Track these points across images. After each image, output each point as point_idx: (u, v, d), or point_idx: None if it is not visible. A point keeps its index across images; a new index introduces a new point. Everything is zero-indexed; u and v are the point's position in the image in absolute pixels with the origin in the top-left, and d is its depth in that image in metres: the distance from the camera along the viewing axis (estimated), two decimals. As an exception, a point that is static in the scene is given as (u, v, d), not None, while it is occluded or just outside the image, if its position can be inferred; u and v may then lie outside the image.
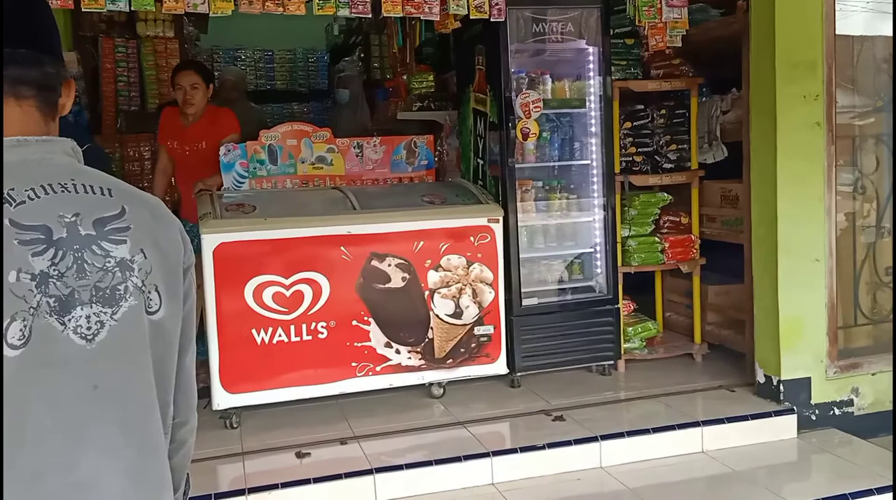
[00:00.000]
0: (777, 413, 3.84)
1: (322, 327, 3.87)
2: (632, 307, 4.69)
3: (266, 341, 3.79)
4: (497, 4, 3.85)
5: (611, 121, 4.37)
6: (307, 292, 3.85)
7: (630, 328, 4.57)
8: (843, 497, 3.19)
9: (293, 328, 3.83)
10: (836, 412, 3.95)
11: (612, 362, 4.45)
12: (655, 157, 4.62)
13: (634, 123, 4.60)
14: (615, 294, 4.43)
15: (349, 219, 3.94)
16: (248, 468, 3.40)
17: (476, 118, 4.57)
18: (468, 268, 4.09)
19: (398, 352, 4.00)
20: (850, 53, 4.00)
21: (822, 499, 3.18)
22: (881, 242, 4.11)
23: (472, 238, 4.09)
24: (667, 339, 4.85)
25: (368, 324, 3.94)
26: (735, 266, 4.40)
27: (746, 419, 3.78)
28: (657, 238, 4.60)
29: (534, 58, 4.45)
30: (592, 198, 4.47)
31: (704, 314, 4.76)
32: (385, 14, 3.67)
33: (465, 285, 4.09)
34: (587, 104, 4.41)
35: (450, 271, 4.06)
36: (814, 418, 3.91)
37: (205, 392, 3.73)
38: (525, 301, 4.29)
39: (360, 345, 3.94)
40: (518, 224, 4.27)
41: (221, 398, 3.75)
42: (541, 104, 4.25)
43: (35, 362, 1.03)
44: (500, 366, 4.18)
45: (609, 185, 4.39)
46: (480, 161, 4.55)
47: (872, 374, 3.98)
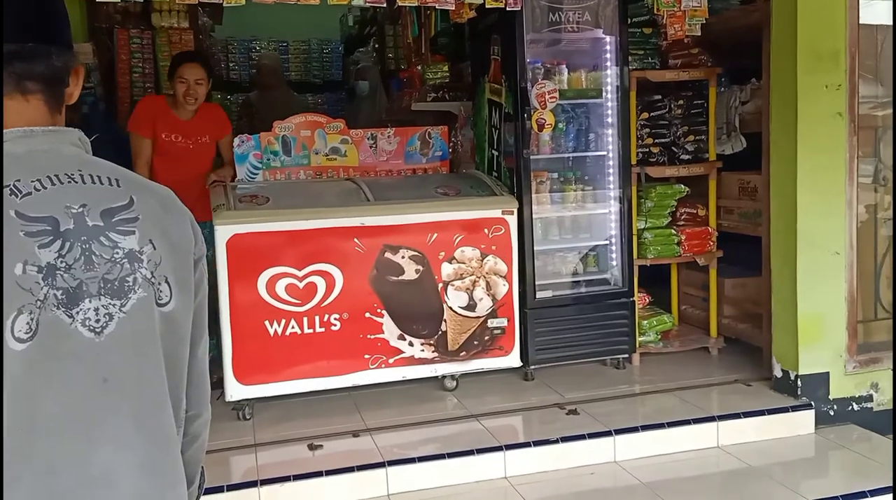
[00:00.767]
0: (794, 408, 3.79)
1: (335, 319, 3.86)
2: (647, 300, 4.64)
3: (279, 332, 3.79)
4: (513, -7, 3.81)
5: (627, 111, 4.32)
6: (320, 283, 3.83)
7: (645, 321, 4.53)
8: (862, 494, 3.15)
9: (306, 320, 3.82)
10: (855, 408, 3.90)
11: (627, 355, 4.42)
12: (673, 148, 4.57)
13: (652, 114, 4.54)
14: (630, 287, 4.39)
15: (363, 210, 3.92)
16: (261, 460, 3.40)
17: (491, 109, 4.53)
18: (482, 260, 4.06)
19: (411, 344, 3.99)
20: (874, 43, 3.92)
21: (840, 496, 3.14)
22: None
23: (487, 230, 4.06)
24: (682, 332, 4.81)
25: (381, 316, 3.93)
26: (752, 259, 4.35)
27: (763, 414, 3.74)
28: (673, 230, 4.55)
29: (550, 48, 4.40)
30: (608, 189, 4.43)
31: (721, 308, 4.71)
32: (400, 3, 3.65)
33: (479, 277, 4.06)
34: (604, 95, 4.36)
35: (464, 263, 4.04)
36: (832, 413, 3.86)
37: (218, 384, 3.75)
38: (539, 294, 4.26)
39: (374, 337, 3.92)
40: (533, 216, 4.23)
41: (234, 390, 3.76)
42: (556, 95, 4.21)
43: (43, 355, 1.02)
44: (514, 359, 4.16)
45: (625, 176, 4.35)
46: (495, 152, 4.52)
47: (892, 369, 3.93)
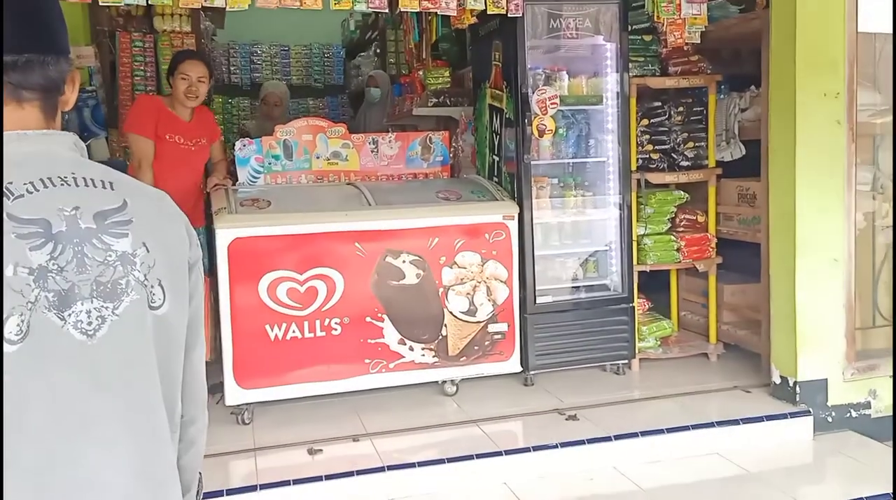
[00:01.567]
0: (793, 415, 3.80)
1: (336, 323, 3.87)
2: (646, 306, 4.66)
3: (279, 336, 3.79)
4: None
5: (627, 118, 4.34)
6: (321, 288, 3.84)
7: (645, 327, 4.54)
8: (860, 501, 3.15)
9: (307, 324, 3.83)
10: (853, 415, 3.91)
11: (627, 361, 4.43)
12: (672, 154, 4.59)
13: (651, 121, 4.56)
14: (630, 293, 4.40)
15: (364, 215, 3.93)
16: (261, 464, 3.40)
17: (492, 114, 4.55)
18: (483, 265, 4.07)
19: (412, 349, 3.99)
20: (872, 51, 3.94)
21: (839, 503, 3.15)
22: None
23: (487, 235, 4.08)
24: (682, 338, 4.81)
25: (382, 321, 3.94)
26: (752, 265, 4.36)
27: (762, 421, 3.75)
28: (673, 236, 4.57)
29: (550, 54, 4.43)
30: (608, 195, 4.45)
31: (720, 314, 4.73)
32: (401, 9, 3.66)
33: (480, 282, 4.07)
34: (604, 101, 4.38)
35: (464, 267, 4.05)
36: (830, 420, 3.87)
37: (217, 387, 3.75)
38: (539, 299, 4.27)
39: (374, 342, 3.93)
40: (533, 221, 4.24)
41: (234, 394, 3.76)
42: (557, 101, 4.23)
43: (34, 357, 1.01)
44: (514, 364, 4.17)
45: (625, 182, 4.37)
46: (496, 157, 4.53)
47: (890, 376, 3.93)
